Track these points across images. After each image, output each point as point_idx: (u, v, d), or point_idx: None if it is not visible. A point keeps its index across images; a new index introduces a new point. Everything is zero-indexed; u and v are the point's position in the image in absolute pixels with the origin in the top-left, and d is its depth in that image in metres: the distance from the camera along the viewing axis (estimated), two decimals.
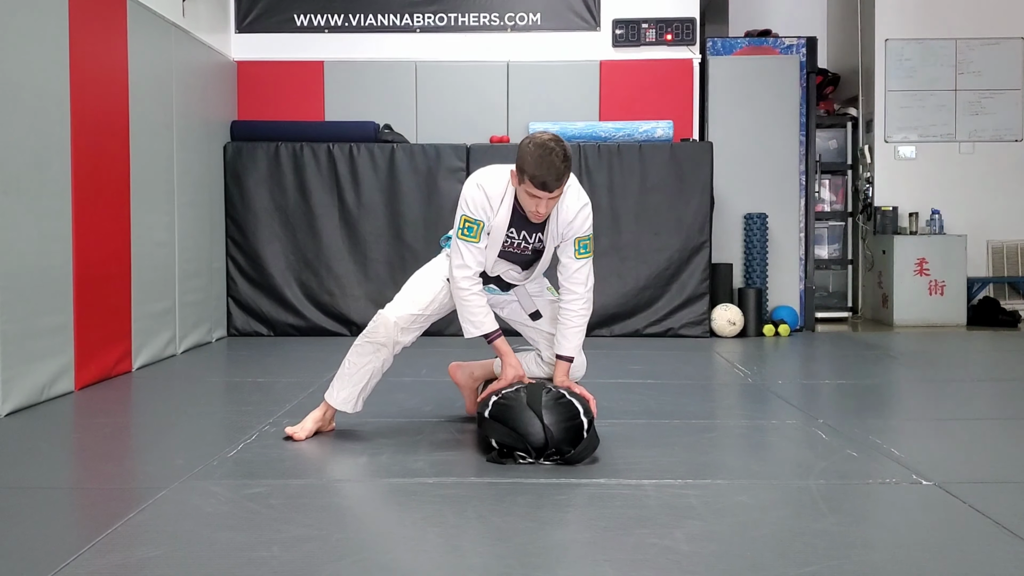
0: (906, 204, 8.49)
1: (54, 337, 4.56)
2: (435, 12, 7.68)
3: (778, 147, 7.77)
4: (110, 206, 5.20)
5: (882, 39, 8.56)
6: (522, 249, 3.60)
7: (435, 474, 3.09)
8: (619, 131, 7.32)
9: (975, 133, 8.57)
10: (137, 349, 5.51)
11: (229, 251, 7.21)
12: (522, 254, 3.62)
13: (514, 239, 3.57)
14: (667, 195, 7.24)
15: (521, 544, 2.40)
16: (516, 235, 3.56)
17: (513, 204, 3.50)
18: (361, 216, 7.22)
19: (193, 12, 6.53)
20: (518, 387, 3.37)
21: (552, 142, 3.32)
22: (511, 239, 3.57)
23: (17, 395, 4.21)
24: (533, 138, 3.36)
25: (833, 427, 3.85)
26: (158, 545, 2.42)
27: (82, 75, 4.84)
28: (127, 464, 3.52)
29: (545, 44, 7.70)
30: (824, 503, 2.78)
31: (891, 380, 5.47)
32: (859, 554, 2.34)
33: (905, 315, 8.10)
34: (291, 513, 2.67)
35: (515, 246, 3.59)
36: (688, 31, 7.61)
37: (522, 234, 3.56)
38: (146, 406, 4.73)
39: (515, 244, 3.59)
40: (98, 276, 5.03)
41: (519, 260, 3.66)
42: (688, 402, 4.28)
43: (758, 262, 7.65)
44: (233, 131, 7.31)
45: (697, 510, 2.77)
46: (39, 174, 4.44)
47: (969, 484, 2.98)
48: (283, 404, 4.36)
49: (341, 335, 7.13)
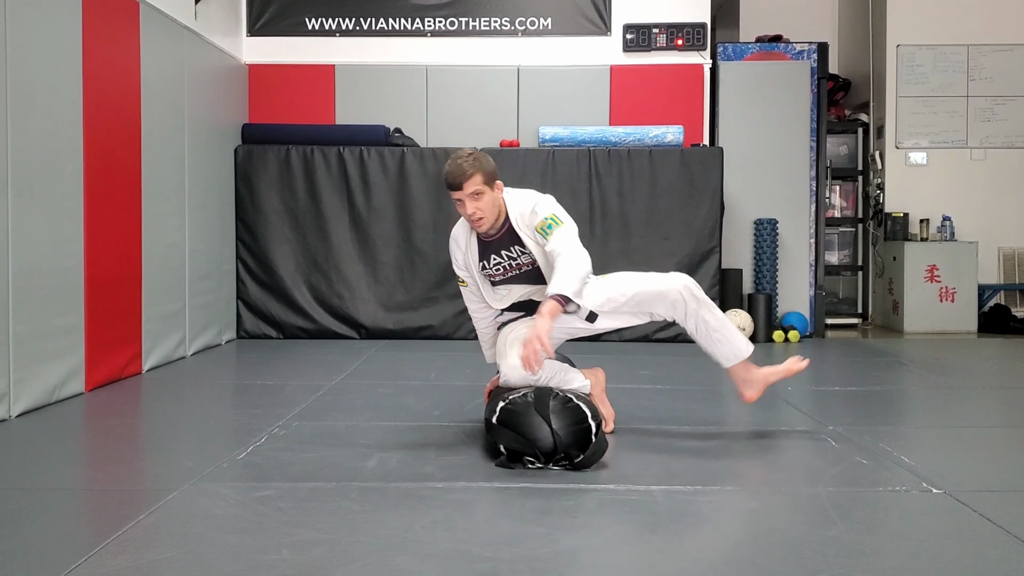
0: (917, 210, 8.46)
1: (65, 338, 4.57)
2: (446, 16, 7.69)
3: (789, 152, 7.76)
4: (122, 208, 5.22)
5: (894, 45, 8.54)
6: (518, 267, 3.70)
7: (444, 478, 3.09)
8: (629, 136, 7.32)
9: (986, 139, 8.54)
10: (147, 351, 5.53)
11: (239, 253, 7.23)
12: (523, 271, 3.71)
13: (500, 262, 3.70)
14: (677, 200, 7.23)
15: (530, 549, 2.40)
16: (499, 258, 3.69)
17: (475, 237, 3.71)
18: (371, 219, 7.23)
19: (205, 15, 6.55)
20: (526, 392, 3.36)
21: (465, 149, 3.66)
22: (498, 264, 3.71)
23: (28, 396, 4.23)
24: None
25: (843, 434, 3.83)
26: (168, 547, 2.43)
27: (95, 78, 4.86)
28: (137, 466, 3.52)
29: (556, 49, 7.70)
30: (834, 510, 2.77)
31: (901, 387, 5.45)
32: (869, 562, 2.34)
33: (916, 322, 8.08)
34: (300, 516, 2.67)
35: (510, 267, 3.71)
36: (699, 36, 7.61)
37: (503, 254, 3.69)
38: (156, 408, 4.74)
39: (506, 267, 3.71)
40: (109, 278, 5.04)
41: (528, 278, 3.73)
42: (698, 408, 4.27)
43: (768, 268, 7.64)
44: (244, 134, 7.33)
45: (707, 517, 2.76)
46: (51, 176, 4.46)
47: (979, 492, 2.97)
48: (292, 407, 4.37)
49: (350, 338, 7.14)
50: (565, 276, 3.40)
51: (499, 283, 3.76)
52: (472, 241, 3.72)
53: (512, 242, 3.66)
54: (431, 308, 7.25)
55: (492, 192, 3.57)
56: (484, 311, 3.86)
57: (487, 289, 3.78)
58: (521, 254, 3.67)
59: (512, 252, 3.67)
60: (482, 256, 3.72)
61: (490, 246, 3.69)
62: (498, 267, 3.71)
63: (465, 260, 3.76)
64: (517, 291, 3.75)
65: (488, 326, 3.90)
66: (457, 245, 3.77)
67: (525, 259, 3.67)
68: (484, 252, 3.71)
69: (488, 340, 3.93)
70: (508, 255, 3.68)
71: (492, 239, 3.67)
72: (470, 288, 3.82)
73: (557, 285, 3.39)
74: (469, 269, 3.76)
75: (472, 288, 3.81)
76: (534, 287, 3.73)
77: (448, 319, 7.25)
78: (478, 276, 3.76)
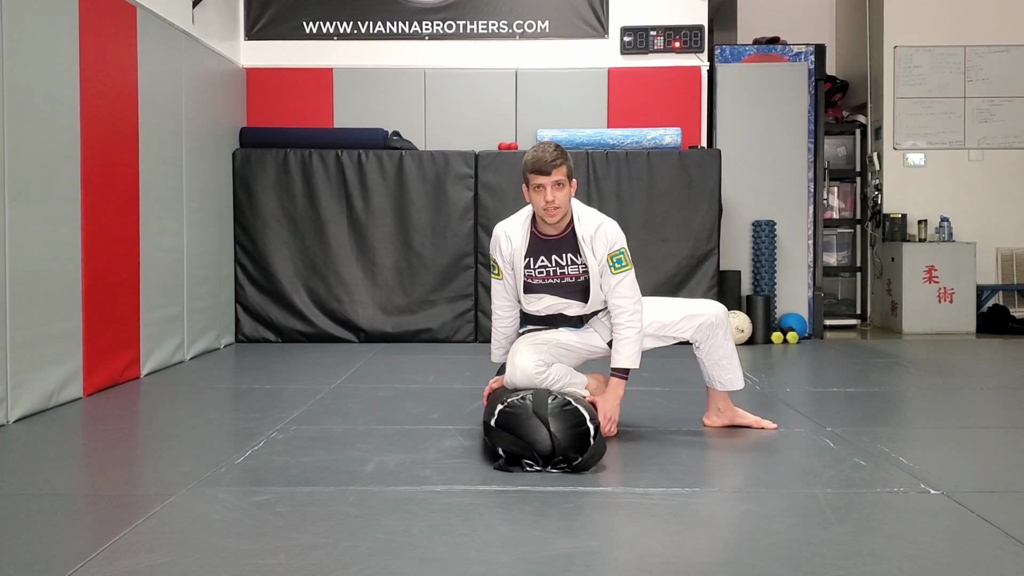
0: (915, 211, 8.47)
1: (63, 343, 4.57)
2: (444, 20, 7.70)
3: (786, 154, 7.76)
4: (119, 212, 5.22)
5: (891, 46, 8.55)
6: (560, 276, 3.66)
7: (442, 482, 3.09)
8: (627, 138, 7.33)
9: (984, 140, 8.55)
10: (145, 355, 5.53)
11: (237, 257, 7.23)
12: (563, 282, 3.67)
13: (547, 266, 3.65)
14: (675, 202, 7.23)
15: (528, 552, 2.40)
16: (547, 261, 3.65)
17: (531, 231, 3.66)
18: (369, 223, 7.23)
19: (203, 19, 6.55)
20: (524, 394, 3.36)
21: (549, 142, 3.62)
22: (543, 268, 3.65)
23: (26, 401, 4.23)
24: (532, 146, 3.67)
25: (841, 435, 3.83)
26: (165, 552, 2.43)
27: (92, 82, 4.86)
28: (135, 470, 3.52)
29: (553, 51, 7.71)
30: (832, 512, 2.77)
31: (900, 388, 5.45)
32: (867, 563, 2.34)
33: (914, 323, 8.08)
34: (298, 521, 2.67)
35: (551, 274, 3.66)
36: (696, 38, 7.62)
37: (553, 258, 3.64)
38: (154, 412, 4.73)
39: (549, 272, 3.66)
40: (107, 282, 5.04)
41: (566, 291, 3.69)
42: (696, 410, 4.27)
43: (766, 269, 7.64)
44: (242, 138, 7.33)
45: (705, 519, 2.76)
46: (49, 180, 4.46)
47: (977, 493, 2.97)
48: (291, 411, 4.37)
49: (349, 341, 7.14)
50: (632, 349, 3.63)
51: (534, 289, 3.71)
52: (526, 235, 3.67)
53: (570, 249, 3.63)
54: (430, 311, 7.25)
55: (570, 187, 3.59)
56: (510, 310, 3.82)
57: (520, 288, 3.73)
58: (572, 263, 3.64)
59: (563, 259, 3.64)
60: (530, 253, 3.66)
61: (544, 246, 3.65)
62: (542, 270, 3.67)
63: (512, 254, 3.68)
64: (548, 300, 3.71)
65: (507, 326, 3.86)
66: (508, 237, 3.69)
67: (573, 270, 3.64)
68: (534, 250, 3.66)
69: (500, 341, 3.89)
70: (558, 260, 3.64)
71: (550, 239, 3.64)
72: (504, 282, 3.75)
73: (625, 359, 3.63)
74: (514, 264, 3.69)
75: (507, 284, 3.75)
76: (567, 301, 3.70)
77: (447, 322, 7.25)
78: (518, 273, 3.70)
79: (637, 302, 3.65)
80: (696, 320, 3.78)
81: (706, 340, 3.81)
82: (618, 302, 3.64)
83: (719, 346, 3.83)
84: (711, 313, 3.79)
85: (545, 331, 3.76)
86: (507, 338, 3.88)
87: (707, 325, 3.78)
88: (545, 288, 3.69)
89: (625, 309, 3.64)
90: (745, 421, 3.99)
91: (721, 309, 3.84)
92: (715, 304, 3.87)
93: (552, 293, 3.70)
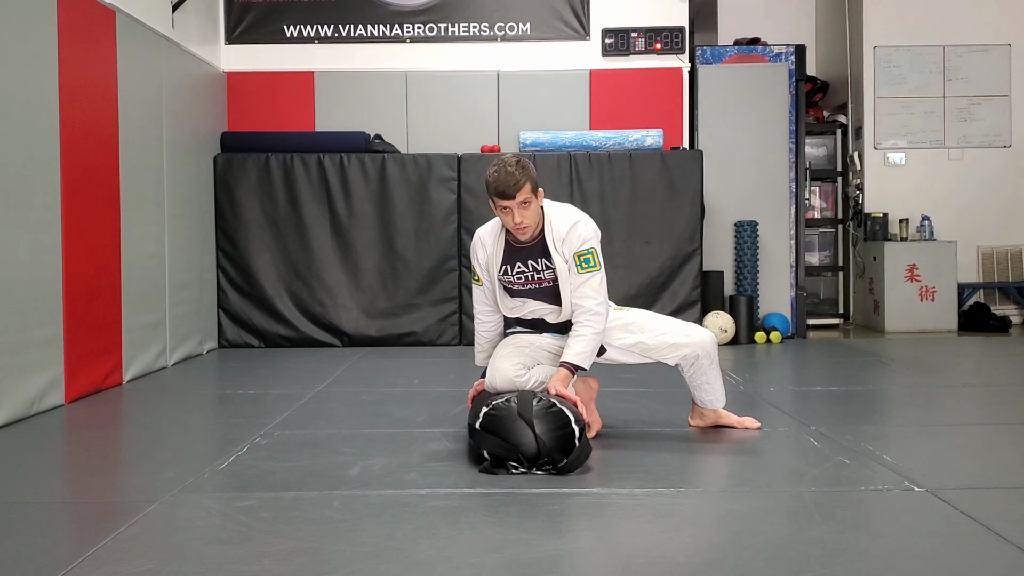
0: (896, 210, 8.52)
1: (44, 350, 4.54)
2: (425, 22, 7.69)
3: (768, 155, 7.79)
4: (100, 218, 5.19)
5: (871, 46, 8.60)
6: (538, 281, 3.65)
7: (427, 485, 3.08)
8: (609, 140, 7.34)
9: (964, 139, 8.61)
10: (127, 361, 5.49)
11: (219, 262, 7.19)
12: (541, 287, 3.66)
13: (524, 271, 3.64)
14: (658, 203, 7.25)
15: (514, 555, 2.40)
16: (524, 267, 3.63)
17: (505, 239, 3.65)
18: (352, 226, 7.21)
19: (182, 24, 6.52)
20: (509, 397, 3.36)
21: (508, 156, 3.56)
22: (521, 273, 3.64)
23: (6, 409, 4.19)
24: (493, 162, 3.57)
25: (825, 434, 3.85)
26: (148, 559, 2.41)
27: (71, 87, 4.83)
28: (117, 477, 3.50)
29: (535, 54, 7.71)
30: (816, 510, 2.78)
31: (883, 386, 5.48)
32: (851, 561, 2.34)
33: (896, 321, 8.12)
34: (282, 526, 2.65)
35: (529, 279, 3.65)
36: (677, 40, 7.63)
37: (529, 264, 3.62)
38: (136, 419, 4.70)
39: (527, 277, 3.65)
40: (88, 288, 5.01)
41: (545, 294, 3.67)
42: (680, 410, 4.27)
43: (749, 269, 7.66)
44: (223, 142, 7.30)
45: (690, 519, 2.76)
46: (29, 186, 4.43)
47: (961, 490, 2.98)
48: (274, 416, 4.35)
49: (333, 346, 7.12)
50: (584, 348, 3.56)
51: (517, 294, 3.71)
52: (500, 243, 3.66)
53: (541, 254, 3.61)
54: (414, 315, 7.23)
55: (536, 200, 3.53)
56: (491, 315, 3.83)
57: (501, 295, 3.74)
58: (546, 268, 3.62)
59: (538, 264, 3.62)
60: (506, 260, 3.65)
61: (518, 252, 3.64)
62: (520, 275, 3.65)
63: (488, 261, 3.69)
64: (532, 305, 3.70)
65: (489, 330, 3.86)
66: (483, 245, 3.70)
67: (548, 274, 3.62)
68: (509, 257, 3.65)
69: (483, 344, 3.89)
70: (533, 266, 3.63)
71: (522, 246, 3.62)
72: (483, 289, 3.77)
73: (574, 355, 3.55)
74: (490, 271, 3.70)
75: (486, 289, 3.76)
76: (549, 307, 3.68)
77: (431, 325, 7.23)
78: (497, 280, 3.71)
79: (601, 304, 3.61)
80: (682, 350, 3.75)
81: (690, 367, 3.82)
82: (580, 301, 3.59)
83: (703, 373, 3.83)
84: (697, 343, 3.75)
85: (530, 334, 3.76)
86: (490, 341, 3.88)
87: (692, 356, 3.76)
88: (527, 293, 3.69)
89: (587, 309, 3.58)
90: (729, 421, 4.00)
91: (708, 339, 3.80)
92: (703, 332, 3.83)
93: (534, 298, 3.70)
